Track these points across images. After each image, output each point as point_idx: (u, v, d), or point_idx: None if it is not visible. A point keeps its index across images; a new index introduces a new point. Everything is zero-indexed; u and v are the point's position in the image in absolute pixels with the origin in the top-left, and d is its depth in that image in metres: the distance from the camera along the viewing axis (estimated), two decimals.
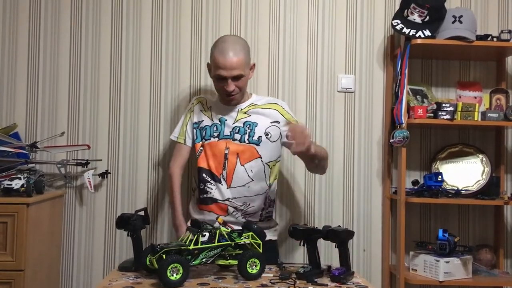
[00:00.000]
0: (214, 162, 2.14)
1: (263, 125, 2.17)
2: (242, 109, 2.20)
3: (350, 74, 2.63)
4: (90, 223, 2.54)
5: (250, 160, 2.13)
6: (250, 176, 2.13)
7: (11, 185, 2.07)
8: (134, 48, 2.57)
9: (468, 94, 2.61)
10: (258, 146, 2.14)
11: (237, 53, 2.07)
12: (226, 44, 2.09)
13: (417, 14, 2.41)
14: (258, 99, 2.26)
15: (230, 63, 2.05)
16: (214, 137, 2.16)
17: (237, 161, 2.13)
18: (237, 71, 2.06)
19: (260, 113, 2.19)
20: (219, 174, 2.13)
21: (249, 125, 2.16)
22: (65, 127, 2.54)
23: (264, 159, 2.15)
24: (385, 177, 2.60)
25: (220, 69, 2.06)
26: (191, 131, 2.23)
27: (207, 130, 2.18)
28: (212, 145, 2.15)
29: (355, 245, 2.60)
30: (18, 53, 2.54)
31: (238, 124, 2.17)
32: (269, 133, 2.16)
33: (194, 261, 1.63)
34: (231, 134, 2.15)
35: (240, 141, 2.14)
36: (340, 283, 1.68)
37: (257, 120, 2.17)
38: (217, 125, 2.18)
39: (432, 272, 2.33)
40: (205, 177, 2.15)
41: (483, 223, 2.65)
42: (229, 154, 2.13)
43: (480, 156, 2.59)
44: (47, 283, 2.30)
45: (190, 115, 2.24)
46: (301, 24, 2.63)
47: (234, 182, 2.12)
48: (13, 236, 2.01)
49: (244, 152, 2.13)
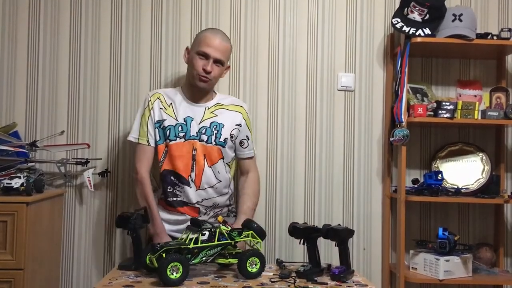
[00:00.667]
0: (181, 163, 2.10)
1: (228, 127, 2.18)
2: (209, 108, 2.18)
3: (350, 72, 2.63)
4: (90, 222, 2.54)
5: (216, 161, 2.15)
6: (217, 177, 2.15)
7: (11, 184, 2.07)
8: (134, 46, 2.57)
9: (468, 93, 2.61)
10: (223, 148, 2.16)
11: (226, 41, 2.15)
12: (218, 30, 2.20)
13: (417, 12, 2.41)
14: (223, 98, 2.26)
15: (219, 43, 2.09)
16: (180, 137, 2.12)
17: (204, 162, 2.12)
18: (221, 54, 2.10)
19: (226, 114, 2.20)
20: (187, 176, 2.11)
21: (215, 126, 2.15)
22: (65, 126, 2.54)
23: (225, 160, 2.18)
24: (385, 176, 2.59)
25: (207, 47, 2.08)
26: (153, 130, 2.14)
27: (171, 130, 2.12)
28: (179, 146, 2.11)
29: (355, 243, 2.60)
30: (18, 51, 2.54)
31: (204, 124, 2.15)
32: (233, 135, 2.19)
33: (194, 260, 1.63)
34: (198, 134, 2.13)
35: (207, 142, 2.13)
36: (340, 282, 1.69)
37: (223, 121, 2.17)
38: (182, 125, 2.13)
39: (432, 271, 2.33)
40: (173, 180, 2.12)
41: (483, 221, 2.64)
42: (196, 155, 2.11)
43: (480, 155, 2.59)
44: (47, 282, 2.30)
45: (150, 113, 2.15)
46: (301, 22, 2.62)
47: (202, 183, 2.12)
48: (13, 235, 2.01)
49: (211, 153, 2.14)
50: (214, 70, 2.11)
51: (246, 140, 2.25)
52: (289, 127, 2.59)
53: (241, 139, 2.24)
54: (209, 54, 2.08)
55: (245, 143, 2.25)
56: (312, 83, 2.62)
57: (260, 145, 2.57)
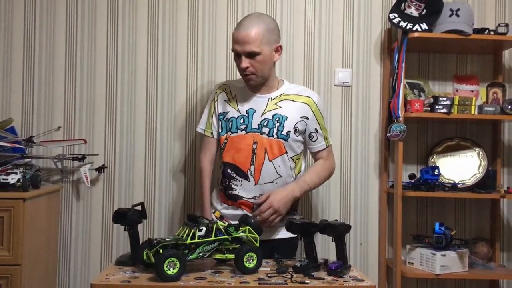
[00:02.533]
0: (241, 156, 2.04)
1: (293, 119, 2.06)
2: (272, 99, 2.09)
3: (347, 68, 2.63)
4: (87, 218, 2.54)
5: (278, 155, 2.05)
6: (278, 172, 2.05)
7: (7, 180, 2.07)
8: (131, 42, 2.56)
9: (465, 88, 2.61)
10: (285, 141, 2.06)
11: (254, 27, 1.95)
12: (245, 19, 2.02)
13: (414, 7, 2.41)
14: (289, 88, 2.13)
15: (243, 37, 1.94)
16: (241, 130, 2.05)
17: (265, 156, 2.03)
18: (250, 46, 1.94)
19: (291, 105, 2.08)
20: (246, 169, 2.03)
21: (278, 118, 2.05)
22: (62, 122, 2.53)
23: (289, 154, 2.07)
24: (382, 171, 2.60)
25: (234, 43, 1.98)
26: (217, 123, 2.13)
27: (233, 122, 2.07)
28: (240, 139, 2.05)
29: (352, 239, 2.61)
30: (14, 47, 2.52)
31: (267, 116, 2.06)
32: (297, 128, 2.07)
33: (191, 256, 1.63)
34: (259, 127, 2.05)
35: (269, 135, 2.04)
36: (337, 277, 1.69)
37: (287, 113, 2.06)
38: (244, 117, 2.07)
39: (428, 266, 2.34)
40: (230, 173, 2.05)
41: (480, 216, 2.65)
42: (257, 148, 2.03)
43: (477, 150, 2.59)
44: (44, 277, 2.30)
45: (215, 105, 2.14)
46: (298, 17, 2.62)
47: (262, 178, 2.03)
48: (10, 231, 2.01)
49: (272, 147, 2.04)
50: (252, 64, 1.98)
51: (315, 133, 2.12)
52: None
53: (310, 132, 2.11)
54: (238, 51, 1.98)
55: (314, 137, 2.12)
56: (309, 79, 2.62)
57: None
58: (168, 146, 2.56)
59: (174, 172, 2.56)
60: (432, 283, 2.63)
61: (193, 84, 2.57)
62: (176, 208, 2.56)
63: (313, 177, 2.13)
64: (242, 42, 1.96)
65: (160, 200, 2.56)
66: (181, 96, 2.57)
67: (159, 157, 2.55)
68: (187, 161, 2.55)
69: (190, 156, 2.56)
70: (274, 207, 1.97)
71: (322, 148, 2.17)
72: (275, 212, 1.98)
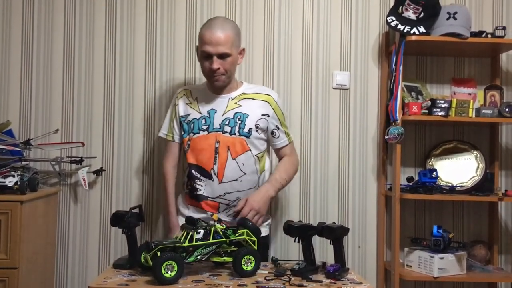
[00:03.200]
0: (204, 157, 2.07)
1: (253, 116, 2.10)
2: (232, 99, 2.14)
3: (345, 70, 2.63)
4: (84, 221, 2.53)
5: (241, 153, 2.08)
6: (242, 169, 2.08)
7: (5, 183, 2.06)
8: (128, 44, 2.56)
9: (462, 91, 2.62)
10: (247, 138, 2.09)
11: (225, 30, 2.03)
12: (215, 21, 2.08)
13: (412, 10, 2.41)
14: (249, 88, 2.20)
15: (216, 38, 2.00)
16: (203, 130, 2.09)
17: (228, 154, 2.07)
18: (223, 48, 2.01)
19: (251, 104, 2.13)
20: (209, 169, 2.06)
21: (239, 117, 2.10)
22: (59, 125, 2.53)
23: (253, 152, 2.11)
24: (380, 174, 2.60)
25: (206, 45, 2.01)
26: (178, 126, 2.17)
27: (195, 124, 2.10)
28: (202, 139, 2.08)
29: (350, 241, 2.60)
30: (11, 49, 2.52)
31: (228, 115, 2.10)
32: (258, 125, 2.11)
33: (189, 258, 1.63)
34: (221, 126, 2.09)
35: (231, 134, 2.08)
36: (335, 280, 1.69)
37: (248, 111, 2.10)
38: (205, 117, 2.11)
39: (426, 268, 2.34)
40: (194, 174, 2.09)
41: (478, 219, 2.65)
42: (219, 147, 2.07)
43: (475, 153, 2.60)
44: (41, 280, 2.29)
45: (176, 110, 2.18)
46: (296, 20, 2.62)
47: (226, 177, 2.06)
48: (7, 234, 2.00)
49: (235, 144, 2.07)
50: (223, 65, 2.04)
51: (276, 130, 2.16)
52: None
53: (272, 130, 2.16)
54: (210, 52, 2.01)
55: (276, 133, 2.17)
56: (307, 81, 2.62)
57: None
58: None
59: None
60: (430, 286, 2.63)
61: None
62: None
63: (283, 174, 2.16)
64: (215, 43, 2.00)
65: (158, 203, 2.56)
66: None
67: (156, 160, 2.55)
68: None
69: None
70: (255, 209, 1.98)
71: (285, 144, 2.21)
72: (257, 213, 2.00)
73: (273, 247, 2.54)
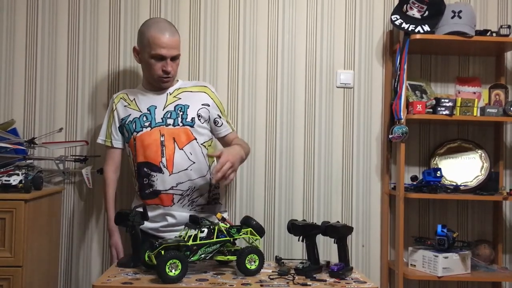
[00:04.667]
0: (151, 152, 2.08)
1: (194, 107, 2.14)
2: (171, 93, 2.18)
3: (349, 69, 2.63)
4: (88, 219, 2.54)
5: (187, 142, 2.10)
6: (190, 159, 2.10)
7: (9, 181, 2.06)
8: (132, 44, 2.56)
9: (467, 90, 2.61)
10: (192, 128, 2.12)
11: (174, 33, 2.11)
12: (162, 24, 2.11)
13: (416, 9, 2.40)
14: (185, 83, 2.25)
15: (171, 41, 2.06)
16: (146, 127, 2.11)
17: (174, 145, 2.09)
18: (175, 50, 2.09)
19: (190, 96, 2.17)
20: (158, 162, 2.07)
21: (180, 108, 2.13)
22: (63, 123, 2.53)
23: (199, 141, 2.13)
24: (384, 173, 2.59)
25: (161, 48, 2.05)
26: (116, 132, 2.19)
27: (137, 122, 2.12)
28: (146, 135, 2.10)
29: (354, 240, 2.60)
30: (16, 48, 2.53)
31: (169, 108, 2.13)
32: (200, 115, 2.15)
33: (193, 257, 1.63)
34: (163, 120, 2.11)
35: (174, 125, 2.11)
36: (338, 279, 1.68)
37: (188, 102, 2.15)
38: (146, 114, 2.13)
39: (430, 268, 2.33)
40: (146, 171, 2.09)
41: (482, 218, 2.65)
42: (165, 140, 2.08)
43: (479, 152, 2.59)
44: (46, 279, 2.30)
45: (113, 114, 2.19)
46: (300, 19, 2.62)
47: (175, 167, 2.07)
48: (11, 232, 2.01)
49: (180, 135, 2.10)
50: (173, 67, 2.11)
51: (218, 118, 2.21)
52: (288, 124, 2.59)
53: (214, 119, 2.21)
54: (164, 55, 2.06)
55: (218, 122, 2.22)
56: (311, 80, 2.62)
57: (259, 142, 2.57)
58: None
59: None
60: (434, 285, 2.62)
61: None
62: None
63: (245, 145, 2.18)
64: (170, 47, 2.07)
65: None
66: None
67: None
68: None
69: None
70: (230, 161, 1.93)
71: (229, 131, 2.26)
72: (231, 166, 1.94)
73: (277, 246, 2.54)
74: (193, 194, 2.12)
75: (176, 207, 2.09)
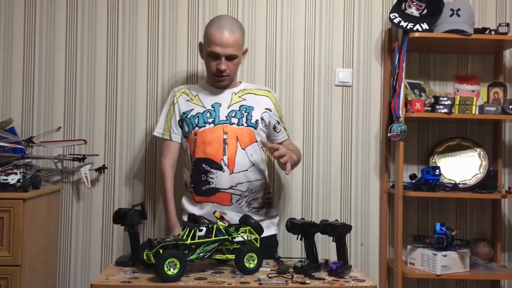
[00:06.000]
0: (212, 149, 2.05)
1: (258, 110, 2.14)
2: (236, 93, 2.16)
3: (348, 68, 2.62)
4: (87, 218, 2.53)
5: (249, 143, 2.09)
6: (251, 160, 2.08)
7: (7, 180, 2.06)
8: (131, 42, 2.56)
9: (465, 88, 2.61)
10: (255, 129, 2.11)
11: (234, 31, 2.05)
12: (224, 21, 2.08)
13: (415, 7, 2.40)
14: (248, 85, 2.25)
15: (226, 40, 2.02)
16: (209, 123, 2.08)
17: (237, 145, 2.06)
18: (231, 49, 2.03)
19: (254, 98, 2.17)
20: (219, 160, 2.04)
21: (245, 109, 2.12)
22: (62, 122, 2.53)
23: (259, 143, 2.12)
24: (383, 171, 2.59)
25: (215, 46, 2.02)
26: (176, 125, 2.16)
27: (200, 118, 2.10)
28: (208, 132, 2.07)
29: (353, 239, 2.60)
30: (14, 47, 2.52)
31: (233, 107, 2.11)
32: (263, 118, 2.15)
33: (191, 256, 1.63)
34: (228, 118, 2.09)
35: (238, 125, 2.09)
36: (337, 277, 1.68)
37: (252, 104, 2.14)
38: (210, 111, 2.10)
39: (429, 266, 2.33)
40: (205, 167, 2.05)
41: (481, 216, 2.65)
42: (228, 138, 2.05)
43: (478, 150, 2.59)
44: (44, 278, 2.30)
45: (174, 108, 2.16)
46: (299, 17, 2.62)
47: (236, 167, 2.04)
48: (10, 232, 2.01)
49: (243, 135, 2.08)
50: (229, 66, 2.07)
51: (277, 124, 2.23)
52: (287, 123, 2.58)
53: (274, 125, 2.21)
54: (219, 53, 2.03)
55: (277, 128, 2.23)
56: (310, 79, 2.61)
57: None
58: None
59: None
60: (433, 284, 2.62)
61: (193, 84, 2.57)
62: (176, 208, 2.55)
63: (298, 152, 2.22)
64: (225, 45, 2.02)
65: (160, 200, 2.55)
66: None
67: (159, 157, 2.54)
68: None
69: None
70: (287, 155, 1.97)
71: (285, 138, 2.28)
72: (286, 155, 1.97)
73: None
74: (250, 196, 2.10)
75: (233, 207, 2.05)
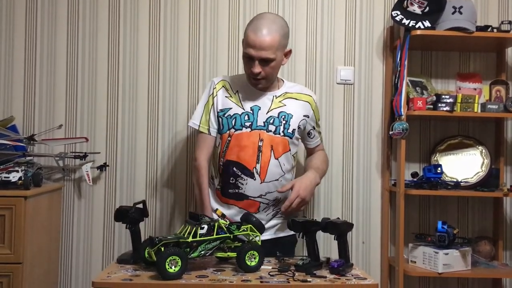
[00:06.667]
0: (246, 154, 1.98)
1: (297, 117, 2.06)
2: (277, 97, 2.06)
3: (350, 66, 2.62)
4: (88, 216, 2.54)
5: (283, 153, 2.03)
6: (283, 169, 2.03)
7: (9, 178, 2.06)
8: (132, 39, 2.55)
9: (468, 86, 2.60)
10: (290, 139, 2.04)
11: (271, 32, 1.90)
12: (262, 21, 1.93)
13: (417, 5, 2.39)
14: (290, 87, 2.13)
15: (260, 42, 1.89)
16: (246, 127, 2.00)
17: (271, 153, 2.00)
18: (266, 53, 1.90)
19: (295, 104, 2.08)
20: (252, 167, 1.98)
21: (284, 116, 2.03)
22: (63, 120, 2.53)
23: (292, 152, 2.07)
24: (384, 169, 2.59)
25: (249, 47, 1.91)
26: (215, 120, 2.05)
27: (237, 119, 2.01)
28: (244, 136, 2.00)
29: (354, 237, 2.60)
30: (15, 45, 2.52)
31: (272, 113, 2.03)
32: (300, 126, 2.08)
33: (193, 254, 1.63)
34: (265, 124, 2.01)
35: (275, 133, 2.02)
36: (339, 275, 1.68)
37: (292, 111, 2.05)
38: (248, 114, 2.02)
39: (431, 264, 2.33)
40: (235, 171, 2.00)
41: (482, 215, 2.64)
42: (263, 146, 1.99)
43: (480, 148, 2.58)
44: (45, 276, 2.30)
45: (212, 101, 2.06)
46: (300, 15, 2.61)
47: (268, 176, 1.99)
48: (11, 229, 2.01)
49: (278, 144, 2.02)
50: (264, 69, 1.95)
51: (313, 130, 2.17)
52: None
53: (309, 130, 2.15)
54: (253, 56, 1.92)
55: (312, 134, 2.17)
56: (312, 77, 2.61)
57: None
58: (169, 144, 2.56)
59: (176, 170, 2.55)
60: (435, 282, 2.62)
61: (194, 81, 2.57)
62: (177, 206, 2.56)
63: (324, 165, 2.19)
64: (258, 48, 1.90)
65: (161, 198, 2.56)
66: (183, 94, 2.56)
67: (160, 155, 2.55)
68: (189, 159, 2.54)
69: (191, 154, 2.55)
70: (301, 196, 1.93)
71: (318, 144, 2.25)
72: (302, 201, 1.94)
73: None
74: (278, 205, 2.05)
75: (259, 215, 1.98)
